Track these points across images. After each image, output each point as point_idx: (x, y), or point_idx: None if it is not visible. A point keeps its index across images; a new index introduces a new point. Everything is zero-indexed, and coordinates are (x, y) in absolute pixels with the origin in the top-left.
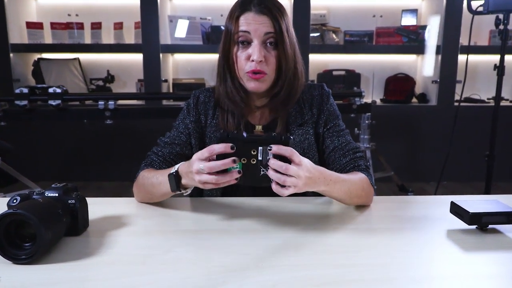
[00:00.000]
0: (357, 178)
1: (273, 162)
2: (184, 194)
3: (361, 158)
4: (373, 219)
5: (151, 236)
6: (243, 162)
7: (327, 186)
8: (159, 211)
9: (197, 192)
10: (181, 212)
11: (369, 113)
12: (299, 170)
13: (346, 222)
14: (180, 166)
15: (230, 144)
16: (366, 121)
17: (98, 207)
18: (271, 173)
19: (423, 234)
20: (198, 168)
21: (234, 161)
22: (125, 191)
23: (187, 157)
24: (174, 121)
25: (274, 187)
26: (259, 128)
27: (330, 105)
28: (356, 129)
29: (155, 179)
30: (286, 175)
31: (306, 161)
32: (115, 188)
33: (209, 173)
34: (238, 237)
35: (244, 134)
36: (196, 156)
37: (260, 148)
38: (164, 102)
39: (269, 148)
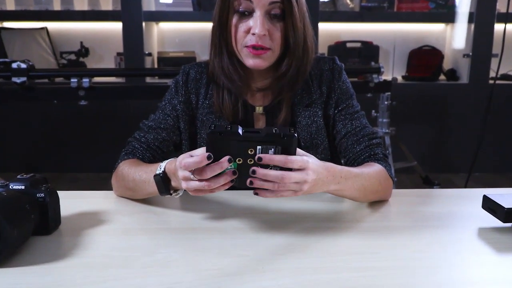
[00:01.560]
0: (373, 170)
1: (264, 173)
2: (176, 197)
3: (379, 146)
4: (392, 216)
5: (134, 236)
6: (239, 162)
7: (337, 185)
8: (142, 207)
9: None
10: (168, 207)
11: (389, 93)
12: (303, 175)
13: (360, 219)
14: (167, 165)
15: (207, 154)
16: (385, 102)
17: (72, 202)
18: (258, 183)
19: (450, 233)
20: (184, 175)
21: (229, 161)
22: (103, 184)
23: (175, 144)
24: (160, 101)
25: (270, 195)
26: (259, 110)
27: (342, 82)
28: (373, 111)
29: (137, 176)
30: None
31: (310, 162)
32: (91, 180)
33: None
34: (235, 236)
35: (240, 131)
36: (180, 161)
37: (258, 147)
38: (148, 79)
39: (270, 148)
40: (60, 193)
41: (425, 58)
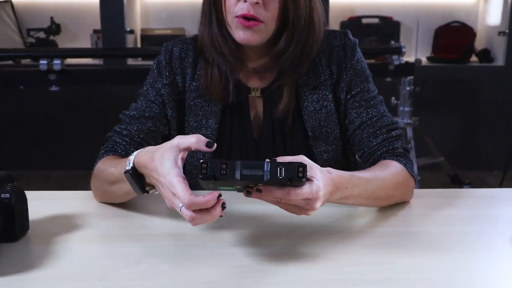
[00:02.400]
0: (388, 173)
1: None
2: (155, 193)
3: (399, 139)
4: (414, 220)
5: (114, 243)
6: (238, 187)
7: (342, 194)
8: (124, 209)
9: None
10: (153, 210)
11: (412, 77)
12: (313, 203)
13: (376, 224)
14: (137, 158)
15: (217, 193)
16: (407, 88)
17: (43, 204)
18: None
19: (483, 240)
20: (173, 205)
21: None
22: (79, 183)
23: (163, 136)
24: (142, 87)
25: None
26: (255, 93)
27: (356, 61)
28: (393, 98)
29: (110, 175)
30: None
31: (316, 186)
32: (65, 178)
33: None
34: (233, 244)
35: (237, 173)
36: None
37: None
38: (130, 61)
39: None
40: (28, 194)
41: (454, 36)
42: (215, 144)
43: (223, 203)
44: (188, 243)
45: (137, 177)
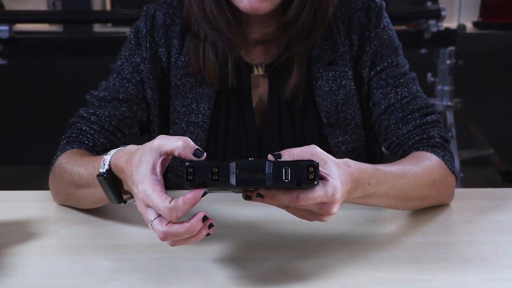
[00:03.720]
0: (422, 168)
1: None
2: (134, 204)
3: (436, 125)
4: (454, 227)
5: (78, 255)
6: (234, 191)
7: (363, 192)
8: (90, 215)
9: None
10: (127, 216)
11: (453, 47)
12: (329, 208)
13: (405, 231)
14: (113, 159)
15: (202, 192)
16: (447, 61)
17: None
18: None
19: None
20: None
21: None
22: (34, 180)
23: (141, 124)
24: (114, 61)
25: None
26: (259, 71)
27: (382, 29)
28: (429, 74)
29: (77, 176)
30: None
31: (333, 187)
32: (16, 175)
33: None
34: (222, 257)
35: (233, 179)
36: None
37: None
38: (97, 27)
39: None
40: None
41: None
42: (205, 154)
43: (211, 224)
44: (170, 255)
45: (113, 182)
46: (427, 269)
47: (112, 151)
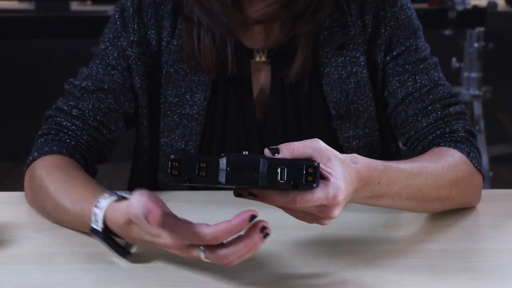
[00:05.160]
0: (443, 165)
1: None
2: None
3: (460, 117)
4: (481, 233)
5: (55, 265)
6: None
7: (373, 192)
8: None
9: (148, 181)
10: None
11: (482, 28)
12: (329, 211)
13: (423, 238)
14: (109, 213)
15: (251, 214)
16: (475, 44)
17: None
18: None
19: None
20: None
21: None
22: (5, 179)
23: (127, 117)
24: (97, 45)
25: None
26: (260, 57)
27: (400, 8)
28: (454, 59)
29: (59, 204)
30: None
31: (334, 188)
32: None
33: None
34: (218, 266)
35: (222, 176)
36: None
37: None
38: (75, 6)
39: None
40: None
41: None
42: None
43: (263, 227)
44: (158, 265)
45: (110, 239)
46: (450, 281)
47: (103, 204)
